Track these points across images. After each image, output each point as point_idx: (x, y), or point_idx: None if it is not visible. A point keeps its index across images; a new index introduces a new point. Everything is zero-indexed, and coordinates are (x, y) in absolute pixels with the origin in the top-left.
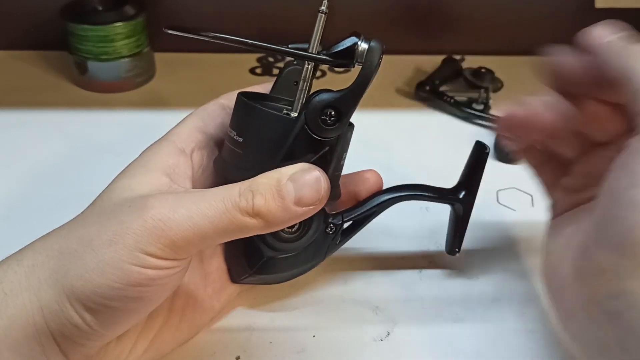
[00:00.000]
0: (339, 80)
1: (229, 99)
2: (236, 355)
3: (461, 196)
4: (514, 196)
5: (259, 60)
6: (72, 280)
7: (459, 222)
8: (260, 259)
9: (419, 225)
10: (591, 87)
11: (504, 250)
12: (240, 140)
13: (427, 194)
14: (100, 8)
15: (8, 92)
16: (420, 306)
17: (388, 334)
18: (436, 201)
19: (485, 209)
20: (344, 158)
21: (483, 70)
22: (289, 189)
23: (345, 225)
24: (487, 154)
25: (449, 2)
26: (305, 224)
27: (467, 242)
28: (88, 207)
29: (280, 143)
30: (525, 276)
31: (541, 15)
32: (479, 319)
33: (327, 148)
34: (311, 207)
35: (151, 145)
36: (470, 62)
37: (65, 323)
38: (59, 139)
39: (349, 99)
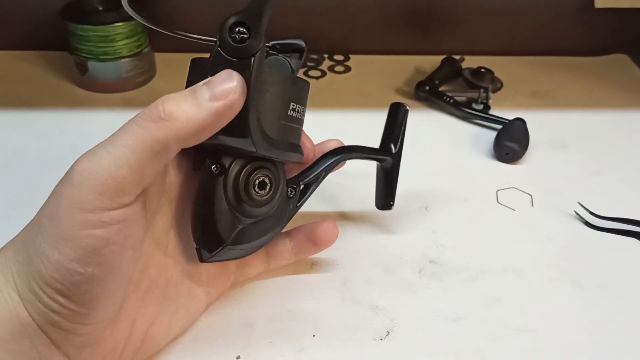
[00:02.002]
0: (339, 81)
1: None
2: (236, 355)
3: (393, 151)
4: (514, 196)
5: None
6: (36, 266)
7: (389, 176)
8: (234, 229)
9: (419, 225)
10: None
11: (503, 249)
12: None
13: (367, 154)
14: (101, 8)
15: (8, 92)
16: (420, 306)
17: (388, 334)
18: (374, 157)
19: (485, 208)
20: (297, 111)
21: (482, 70)
22: (202, 89)
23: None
24: (406, 110)
25: (449, 2)
26: (273, 185)
27: (467, 241)
28: None
29: (204, 74)
30: (525, 276)
31: (541, 15)
32: (479, 319)
33: (247, 69)
34: (228, 100)
35: None
36: (470, 62)
37: (44, 311)
38: (59, 139)
39: (254, 11)
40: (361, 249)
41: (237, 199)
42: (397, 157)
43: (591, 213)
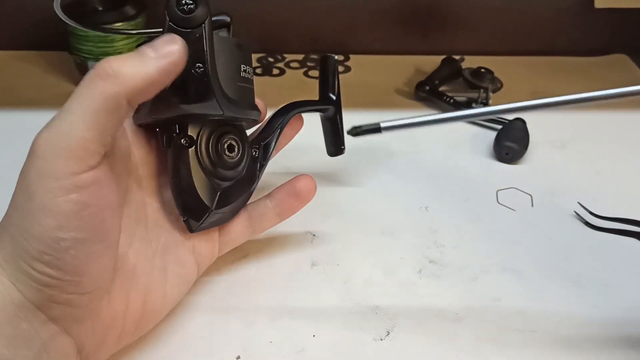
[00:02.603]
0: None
1: None
2: (236, 355)
3: (333, 98)
4: (514, 196)
5: (259, 60)
6: (21, 245)
7: (335, 123)
8: (215, 194)
9: (419, 225)
10: None
11: (503, 249)
12: None
13: (311, 106)
14: (101, 8)
15: (8, 92)
16: (420, 306)
17: (388, 334)
18: (318, 109)
19: (485, 208)
20: (247, 72)
21: (482, 70)
22: (146, 49)
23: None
24: (335, 60)
25: (449, 3)
26: (241, 146)
27: (467, 241)
28: None
29: None
30: (525, 276)
31: (541, 15)
32: (479, 319)
33: (201, 39)
34: (171, 57)
35: None
36: (470, 62)
37: (38, 288)
38: None
39: None
40: (361, 249)
41: (212, 165)
42: (338, 103)
43: (591, 213)
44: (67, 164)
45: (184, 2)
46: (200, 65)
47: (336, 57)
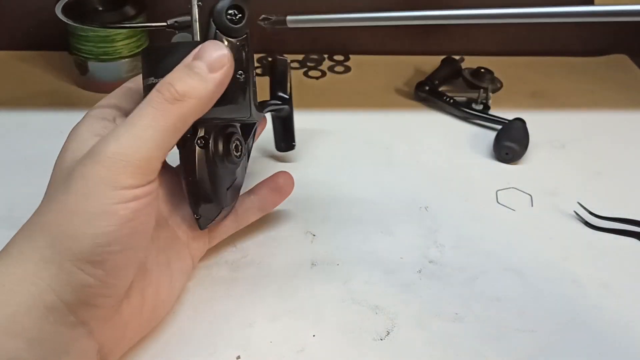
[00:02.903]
0: (339, 81)
1: (136, 83)
2: (236, 355)
3: (288, 98)
4: (514, 196)
5: (259, 60)
6: (68, 246)
7: (287, 121)
8: (225, 192)
9: (419, 225)
10: None
11: (503, 249)
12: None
13: (274, 106)
14: (101, 8)
15: (8, 92)
16: (420, 306)
17: (388, 334)
18: (282, 105)
19: (485, 208)
20: (254, 76)
21: (482, 70)
22: (198, 64)
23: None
24: (287, 62)
25: (449, 3)
26: (242, 145)
27: (467, 241)
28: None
29: (175, 59)
30: (525, 276)
31: None
32: (479, 319)
33: (244, 48)
34: (224, 69)
35: (74, 127)
36: (470, 62)
37: (77, 288)
38: (59, 140)
39: None
40: (361, 249)
41: (222, 165)
42: (290, 102)
43: (591, 213)
44: (131, 177)
45: (232, 12)
46: (242, 72)
47: (289, 60)
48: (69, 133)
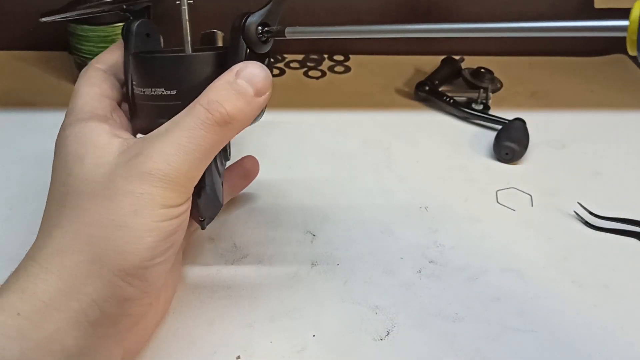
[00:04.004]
0: (339, 81)
1: (105, 63)
2: (236, 355)
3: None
4: (514, 196)
5: None
6: (116, 261)
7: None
8: (222, 190)
9: (419, 225)
10: None
11: (503, 249)
12: (174, 92)
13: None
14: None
15: (8, 92)
16: (420, 306)
17: (388, 334)
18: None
19: (485, 208)
20: None
21: (482, 70)
22: (245, 86)
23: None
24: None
25: (449, 2)
26: (229, 144)
27: (467, 241)
28: (55, 199)
29: (187, 70)
30: (525, 276)
31: (541, 15)
32: (479, 319)
33: (268, 59)
34: (267, 94)
35: (71, 128)
36: (470, 62)
37: (122, 301)
38: None
39: (273, 13)
40: (361, 249)
41: (222, 165)
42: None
43: (591, 213)
44: (178, 196)
45: (263, 30)
46: None
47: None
48: (68, 136)
